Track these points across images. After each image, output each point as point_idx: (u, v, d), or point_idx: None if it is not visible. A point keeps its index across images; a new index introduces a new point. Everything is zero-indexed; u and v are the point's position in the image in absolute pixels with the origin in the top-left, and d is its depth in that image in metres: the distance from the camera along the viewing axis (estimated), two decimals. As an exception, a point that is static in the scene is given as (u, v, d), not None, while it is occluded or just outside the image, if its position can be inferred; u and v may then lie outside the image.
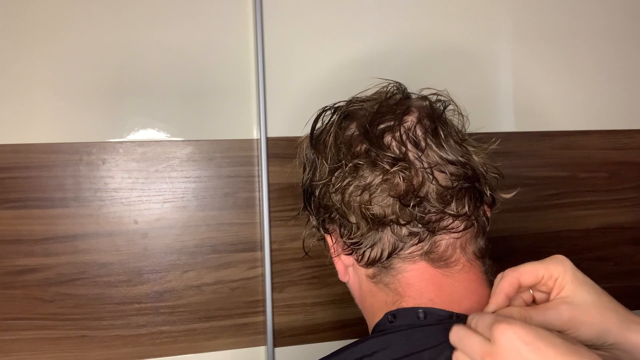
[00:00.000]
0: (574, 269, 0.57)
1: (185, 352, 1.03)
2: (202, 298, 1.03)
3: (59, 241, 0.96)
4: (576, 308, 0.55)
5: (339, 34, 1.07)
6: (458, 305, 0.63)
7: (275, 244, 1.05)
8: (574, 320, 0.54)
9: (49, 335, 0.96)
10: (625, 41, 1.21)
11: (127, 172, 0.98)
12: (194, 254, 1.02)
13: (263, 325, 1.05)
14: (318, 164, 0.70)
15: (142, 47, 0.98)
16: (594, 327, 0.54)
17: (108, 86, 0.97)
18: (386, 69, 1.08)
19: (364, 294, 0.70)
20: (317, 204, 0.70)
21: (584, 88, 1.19)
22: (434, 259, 0.64)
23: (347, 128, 0.68)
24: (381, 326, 0.65)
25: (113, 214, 0.98)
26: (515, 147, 1.15)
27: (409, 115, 0.66)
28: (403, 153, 0.63)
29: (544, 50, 1.17)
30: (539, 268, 0.57)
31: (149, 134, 0.99)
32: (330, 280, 1.07)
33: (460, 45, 1.12)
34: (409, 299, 0.64)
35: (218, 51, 1.02)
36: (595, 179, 1.20)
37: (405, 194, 0.62)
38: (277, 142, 1.04)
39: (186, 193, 1.01)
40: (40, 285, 0.96)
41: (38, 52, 0.94)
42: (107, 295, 0.98)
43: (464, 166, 0.64)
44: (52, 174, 0.95)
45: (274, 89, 1.04)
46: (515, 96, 1.15)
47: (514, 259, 0.61)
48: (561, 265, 0.57)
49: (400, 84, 0.72)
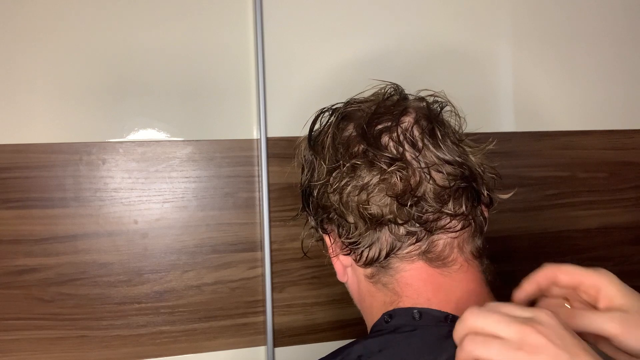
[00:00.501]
0: (620, 281, 0.57)
1: (185, 352, 1.03)
2: (202, 298, 1.03)
3: (59, 241, 0.96)
4: (629, 317, 0.54)
5: (339, 34, 1.07)
6: (455, 305, 0.63)
7: (275, 244, 1.05)
8: (625, 330, 0.54)
9: (49, 335, 0.96)
10: (625, 41, 1.21)
11: (127, 172, 0.99)
12: (194, 254, 1.02)
13: (263, 325, 1.06)
14: (316, 165, 0.70)
15: (142, 47, 0.99)
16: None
17: (108, 86, 0.97)
18: (387, 69, 1.08)
19: (363, 294, 0.70)
20: (316, 205, 0.71)
21: (584, 88, 1.19)
22: (432, 258, 0.65)
23: (345, 129, 0.68)
24: (378, 326, 0.65)
25: (113, 214, 0.98)
26: (515, 147, 1.15)
27: (406, 116, 0.66)
28: (400, 153, 0.63)
29: (544, 50, 1.16)
30: (582, 273, 0.57)
31: (149, 134, 0.99)
32: (330, 281, 1.07)
33: (460, 45, 1.12)
34: (406, 298, 0.64)
35: (218, 51, 1.02)
36: (595, 179, 1.20)
37: (402, 193, 0.63)
38: (277, 142, 1.04)
39: (186, 193, 1.01)
40: (40, 285, 0.96)
41: (38, 52, 0.94)
42: (107, 295, 0.99)
43: (461, 166, 0.65)
44: (52, 174, 0.95)
45: (274, 89, 1.04)
46: (515, 96, 1.15)
47: (514, 259, 0.62)
48: (606, 276, 0.57)
49: (398, 85, 0.72)
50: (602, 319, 0.54)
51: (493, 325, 0.50)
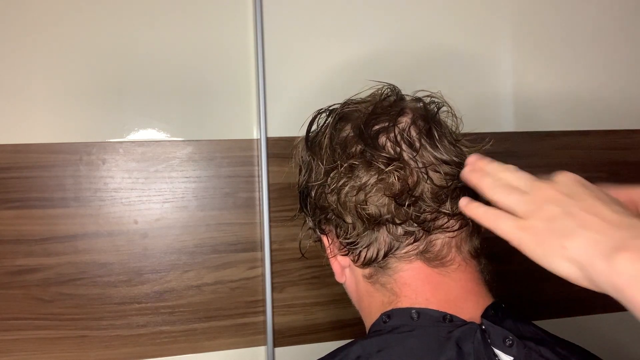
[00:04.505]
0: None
1: (185, 352, 1.03)
2: (202, 298, 1.03)
3: (59, 241, 0.96)
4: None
5: (339, 34, 1.07)
6: (454, 305, 0.63)
7: (275, 244, 1.05)
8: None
9: (49, 335, 0.97)
10: (625, 41, 1.21)
11: (127, 172, 0.99)
12: (194, 254, 1.02)
13: (263, 325, 1.06)
14: (314, 166, 0.70)
15: (142, 47, 0.99)
16: None
17: (108, 86, 0.98)
18: (387, 69, 1.08)
19: (361, 295, 0.70)
20: (313, 205, 0.71)
21: (584, 88, 1.19)
22: (430, 258, 0.65)
23: (342, 129, 0.68)
24: (376, 326, 0.65)
25: (113, 214, 0.99)
26: (515, 147, 1.15)
27: (403, 116, 0.66)
28: (398, 153, 0.63)
29: (543, 50, 1.16)
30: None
31: (149, 134, 1.00)
32: (330, 281, 1.07)
33: (461, 46, 1.12)
34: (405, 298, 0.64)
35: (218, 51, 1.02)
36: (595, 179, 1.18)
37: (400, 193, 0.63)
38: (277, 142, 1.04)
39: (186, 193, 1.01)
40: (40, 285, 0.96)
41: (38, 53, 0.95)
42: (107, 295, 0.99)
43: (459, 166, 0.65)
44: (52, 174, 0.96)
45: (273, 89, 1.04)
46: (515, 96, 1.15)
47: (512, 259, 0.61)
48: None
49: (395, 86, 0.72)
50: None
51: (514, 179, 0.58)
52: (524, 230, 0.54)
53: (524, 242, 0.54)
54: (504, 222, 0.56)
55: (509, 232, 0.56)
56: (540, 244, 0.53)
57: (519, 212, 0.55)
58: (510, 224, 0.56)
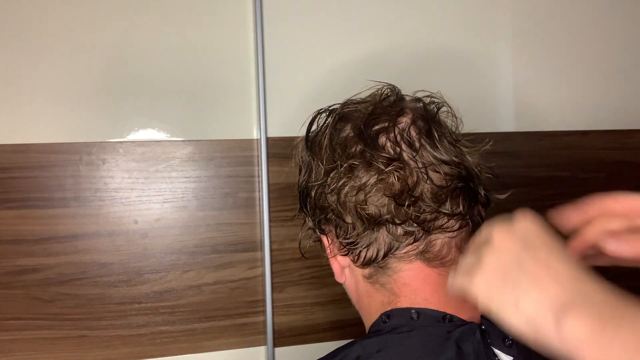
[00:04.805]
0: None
1: (185, 352, 1.03)
2: (202, 298, 1.03)
3: (59, 241, 0.96)
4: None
5: (339, 34, 1.07)
6: (454, 304, 0.63)
7: (275, 244, 1.05)
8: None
9: (49, 335, 0.97)
10: (625, 41, 1.21)
11: (127, 172, 0.99)
12: (194, 254, 1.02)
13: (263, 325, 1.06)
14: (313, 166, 0.70)
15: (142, 47, 0.99)
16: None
17: (108, 86, 0.98)
18: (387, 69, 1.08)
19: (361, 295, 0.70)
20: (313, 205, 0.71)
21: (584, 88, 1.19)
22: (430, 258, 0.65)
23: (342, 130, 0.68)
24: (376, 326, 0.65)
25: (113, 214, 0.99)
26: (515, 147, 1.15)
27: (403, 116, 0.66)
28: (397, 153, 0.63)
29: (543, 50, 1.16)
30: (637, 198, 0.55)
31: (149, 134, 1.00)
32: (330, 281, 1.06)
33: (460, 46, 1.12)
34: (404, 299, 0.65)
35: (218, 51, 1.02)
36: (595, 179, 1.19)
37: (400, 193, 0.63)
38: (277, 142, 1.04)
39: (186, 193, 1.01)
40: (40, 285, 0.96)
41: (38, 53, 0.95)
42: (107, 295, 0.99)
43: (458, 166, 0.65)
44: (52, 174, 0.96)
45: (274, 89, 1.04)
46: (515, 96, 1.15)
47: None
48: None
49: (394, 86, 0.72)
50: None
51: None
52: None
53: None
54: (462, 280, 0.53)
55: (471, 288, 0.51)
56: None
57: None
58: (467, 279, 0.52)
